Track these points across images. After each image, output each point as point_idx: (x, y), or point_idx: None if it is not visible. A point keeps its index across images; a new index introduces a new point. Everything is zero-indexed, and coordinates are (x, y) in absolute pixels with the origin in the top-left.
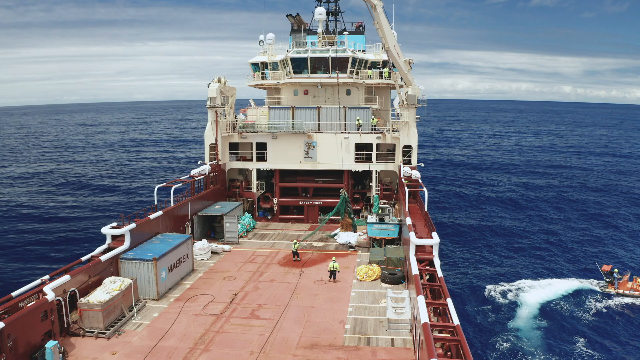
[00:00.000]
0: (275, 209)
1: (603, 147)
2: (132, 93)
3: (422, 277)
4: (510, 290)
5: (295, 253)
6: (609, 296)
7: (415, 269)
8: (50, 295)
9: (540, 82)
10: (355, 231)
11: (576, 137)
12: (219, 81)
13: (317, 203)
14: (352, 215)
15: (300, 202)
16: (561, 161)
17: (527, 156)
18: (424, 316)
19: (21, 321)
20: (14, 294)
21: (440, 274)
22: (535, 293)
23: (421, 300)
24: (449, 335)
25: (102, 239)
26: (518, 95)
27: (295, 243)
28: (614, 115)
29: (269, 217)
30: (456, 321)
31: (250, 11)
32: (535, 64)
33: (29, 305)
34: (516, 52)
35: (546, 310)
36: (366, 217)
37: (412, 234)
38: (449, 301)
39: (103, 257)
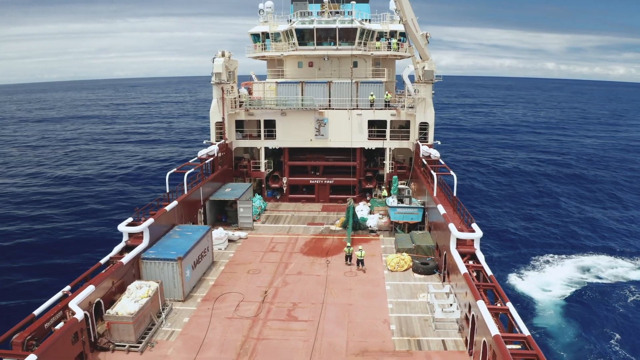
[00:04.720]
0: (284, 189)
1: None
2: (112, 70)
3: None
4: (561, 282)
5: (360, 262)
6: None
7: (462, 267)
8: (79, 314)
9: (523, 59)
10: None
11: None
12: (223, 55)
13: (328, 182)
14: (356, 220)
15: (310, 181)
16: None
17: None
18: (492, 327)
19: (53, 349)
20: (36, 312)
21: (489, 271)
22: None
23: (482, 306)
24: (519, 347)
25: (103, 234)
26: (501, 71)
27: (360, 250)
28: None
29: (278, 197)
30: (525, 331)
31: None
32: (519, 40)
33: (57, 328)
34: (500, 28)
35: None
36: (379, 197)
37: (452, 226)
38: (510, 306)
39: (124, 260)
